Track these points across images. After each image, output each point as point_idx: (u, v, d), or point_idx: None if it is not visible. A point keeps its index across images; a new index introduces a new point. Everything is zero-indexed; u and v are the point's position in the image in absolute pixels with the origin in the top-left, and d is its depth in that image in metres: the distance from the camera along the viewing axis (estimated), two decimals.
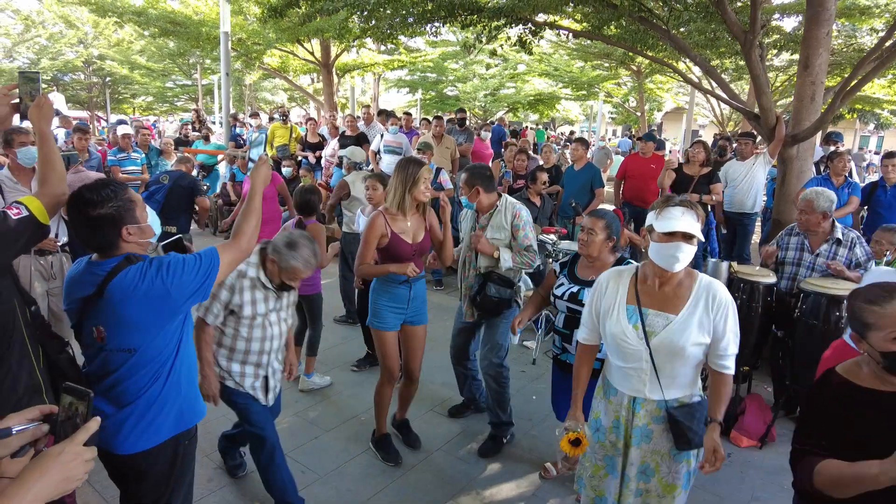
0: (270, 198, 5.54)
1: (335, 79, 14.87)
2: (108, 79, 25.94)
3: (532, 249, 3.21)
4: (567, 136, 17.78)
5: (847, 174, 5.40)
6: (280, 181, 5.90)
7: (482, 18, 6.47)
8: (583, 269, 2.81)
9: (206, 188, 8.99)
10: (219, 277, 1.83)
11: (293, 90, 24.63)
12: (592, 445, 2.23)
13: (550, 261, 4.99)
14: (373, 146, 7.74)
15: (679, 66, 10.91)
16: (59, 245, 3.57)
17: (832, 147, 6.98)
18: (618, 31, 7.72)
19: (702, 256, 5.72)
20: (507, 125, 15.32)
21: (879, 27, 10.56)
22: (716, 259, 4.10)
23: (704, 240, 1.89)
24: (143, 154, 7.43)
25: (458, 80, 23.25)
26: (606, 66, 18.83)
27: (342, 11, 7.83)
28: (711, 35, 8.45)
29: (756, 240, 7.05)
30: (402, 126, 8.19)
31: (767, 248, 3.91)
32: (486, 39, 7.21)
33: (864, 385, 1.58)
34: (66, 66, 25.08)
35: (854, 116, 23.88)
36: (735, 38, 5.41)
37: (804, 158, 5.28)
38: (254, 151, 2.43)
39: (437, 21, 6.91)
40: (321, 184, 7.69)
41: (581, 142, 6.60)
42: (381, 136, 7.72)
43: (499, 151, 8.69)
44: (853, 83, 4.98)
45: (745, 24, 5.20)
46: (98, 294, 1.70)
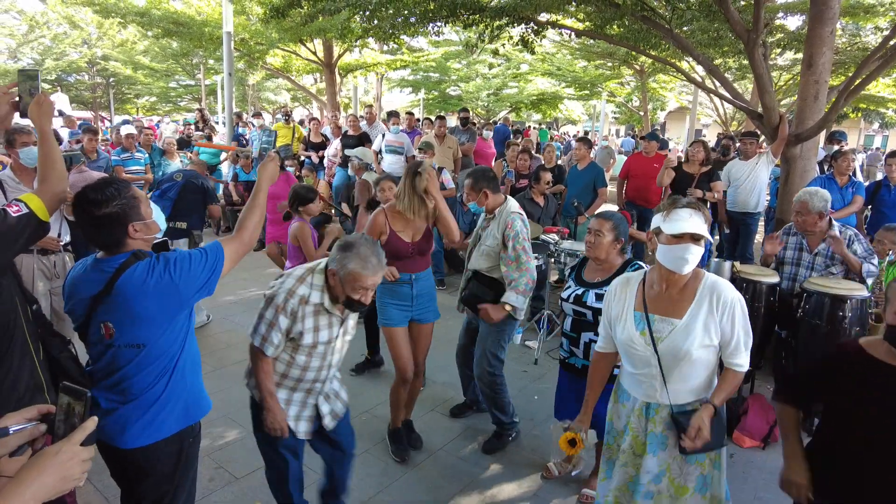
0: (285, 198, 5.61)
1: (338, 79, 14.89)
2: (112, 79, 26.04)
3: (522, 263, 3.06)
4: (580, 137, 17.76)
5: (851, 173, 5.38)
6: (294, 181, 5.93)
7: (484, 18, 6.47)
8: (589, 272, 2.80)
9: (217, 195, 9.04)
10: (224, 270, 1.86)
11: (296, 90, 24.67)
12: (607, 449, 2.22)
13: (552, 261, 4.98)
14: (374, 146, 7.74)
15: (682, 66, 10.88)
16: (62, 244, 3.58)
17: (836, 146, 6.95)
18: (620, 31, 7.70)
19: (706, 256, 5.70)
20: (511, 125, 15.30)
21: (884, 26, 10.51)
22: (719, 259, 4.08)
23: (712, 240, 1.90)
24: (147, 154, 7.46)
25: (461, 80, 23.24)
26: (609, 66, 18.80)
27: (344, 11, 7.84)
28: (714, 34, 8.41)
29: (759, 239, 7.03)
30: (406, 126, 8.19)
31: (771, 236, 3.88)
32: (489, 39, 7.20)
33: (879, 357, 1.66)
34: (70, 67, 25.20)
35: (858, 115, 23.78)
36: (738, 37, 5.40)
37: (808, 158, 5.26)
38: (267, 143, 2.46)
39: (440, 21, 6.91)
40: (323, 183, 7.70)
41: (584, 141, 6.58)
42: (383, 136, 7.73)
43: (502, 151, 8.68)
44: (857, 82, 4.96)
45: (749, 23, 5.18)
46: (107, 291, 1.71)
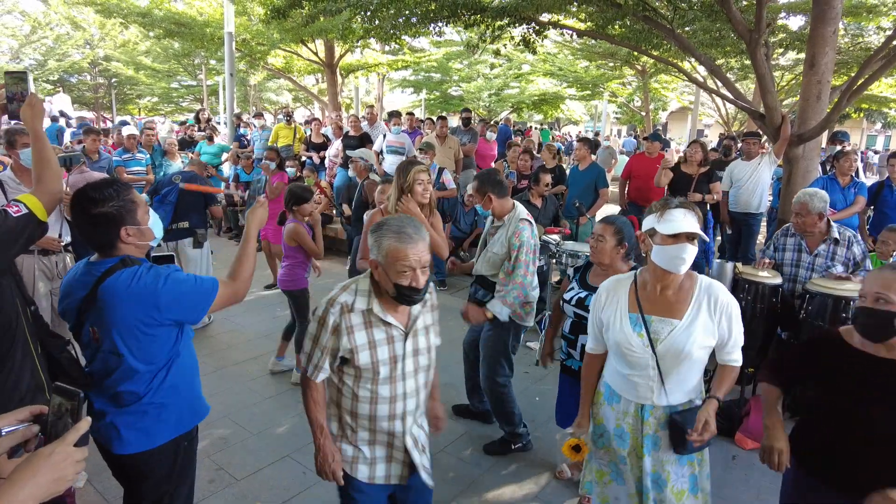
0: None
1: (339, 79, 14.89)
2: (114, 80, 26.11)
3: (518, 277, 3.01)
4: (581, 137, 17.50)
5: (853, 174, 5.36)
6: (285, 178, 5.97)
7: (486, 18, 6.46)
8: (594, 276, 2.78)
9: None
10: (211, 308, 1.84)
11: (297, 90, 24.71)
12: (596, 451, 2.21)
13: (553, 262, 4.96)
14: (376, 146, 7.74)
15: (684, 66, 10.86)
16: (63, 245, 3.58)
17: (838, 146, 6.92)
18: (622, 31, 7.69)
19: (703, 259, 5.68)
20: (513, 125, 15.29)
21: (886, 25, 10.49)
22: (721, 260, 4.07)
23: (708, 239, 1.88)
24: (148, 155, 7.46)
25: (463, 80, 23.25)
26: (611, 66, 18.79)
27: (345, 12, 7.84)
28: (716, 34, 8.40)
29: (761, 240, 7.01)
30: (407, 126, 8.19)
31: (763, 261, 3.88)
32: (490, 39, 7.19)
33: (852, 344, 1.81)
34: (73, 68, 25.27)
35: (861, 116, 23.73)
36: (740, 37, 5.38)
37: (810, 158, 5.24)
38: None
39: (441, 21, 6.91)
40: (320, 183, 7.70)
41: (585, 142, 6.57)
42: (384, 137, 7.72)
43: (504, 151, 8.67)
44: (860, 82, 4.94)
45: (751, 23, 5.16)
46: (92, 295, 1.72)
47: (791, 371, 2.03)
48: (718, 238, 6.73)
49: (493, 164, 8.11)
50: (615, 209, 7.87)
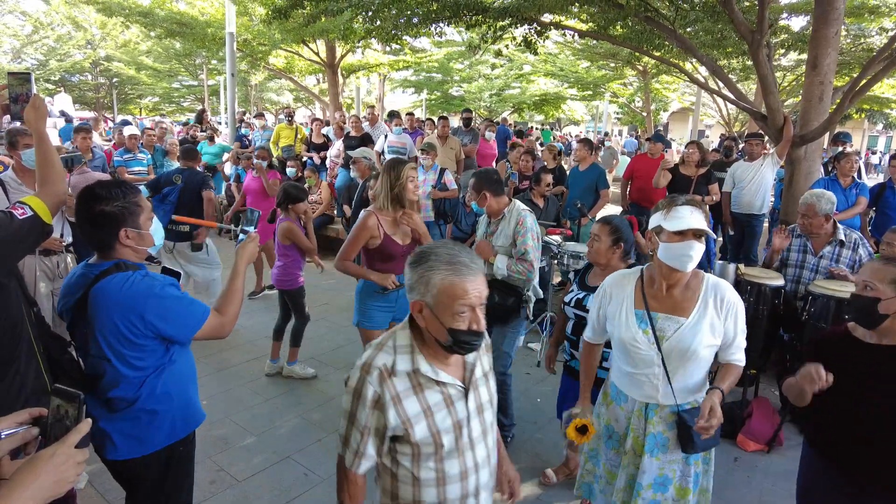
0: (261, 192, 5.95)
1: (340, 79, 14.90)
2: (115, 80, 26.17)
3: (528, 258, 3.07)
4: (601, 139, 16.92)
5: (855, 175, 5.35)
6: (281, 179, 5.99)
7: (487, 19, 6.45)
8: (593, 277, 2.79)
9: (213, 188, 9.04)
10: (197, 335, 1.79)
11: (298, 91, 24.73)
12: (606, 453, 2.19)
13: (555, 262, 4.96)
14: (377, 147, 7.74)
15: (685, 66, 10.85)
16: (64, 245, 3.58)
17: (840, 147, 6.91)
18: (624, 31, 7.68)
19: (706, 260, 5.68)
20: (512, 125, 15.28)
21: (889, 26, 10.48)
22: (723, 261, 4.06)
23: (715, 236, 1.88)
24: (149, 155, 7.47)
25: (464, 81, 23.27)
26: (612, 66, 18.79)
27: (347, 12, 7.84)
28: (718, 35, 8.38)
29: (764, 240, 7.00)
30: (407, 127, 8.19)
31: (781, 231, 3.83)
32: (492, 40, 7.18)
33: (856, 335, 1.94)
34: (74, 68, 25.33)
35: (862, 116, 23.72)
36: (742, 38, 5.37)
37: (812, 159, 5.23)
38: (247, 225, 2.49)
39: (442, 21, 6.90)
40: (321, 184, 7.70)
41: (585, 142, 6.56)
42: (385, 137, 7.72)
43: (503, 152, 8.66)
44: (862, 83, 4.93)
45: (753, 24, 5.15)
46: (84, 297, 1.72)
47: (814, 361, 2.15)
48: (720, 239, 6.72)
49: (495, 165, 8.11)
50: (617, 210, 7.86)
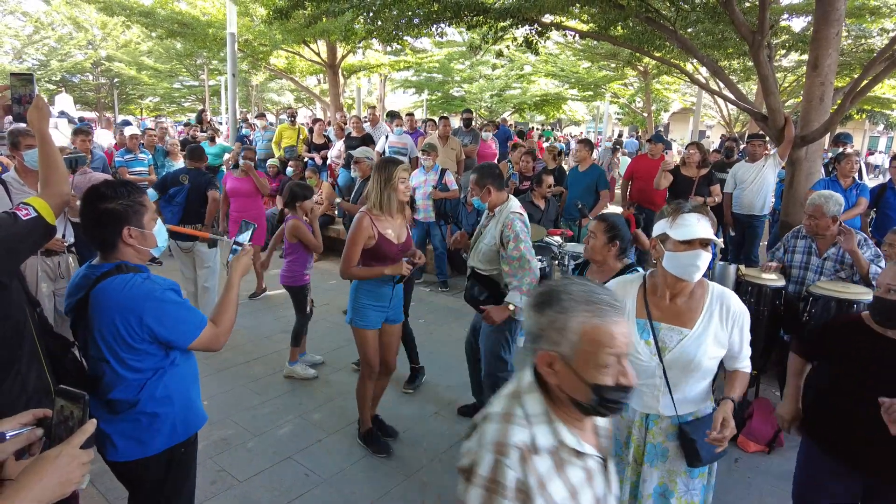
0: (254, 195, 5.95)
1: (341, 80, 14.90)
2: (116, 80, 26.17)
3: (525, 262, 3.04)
4: (615, 141, 16.57)
5: (855, 175, 5.35)
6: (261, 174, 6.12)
7: (488, 19, 6.44)
8: (590, 273, 2.81)
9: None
10: (191, 345, 1.80)
11: (300, 91, 24.73)
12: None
13: (556, 263, 4.96)
14: (378, 147, 7.75)
15: (686, 67, 10.84)
16: (66, 245, 3.59)
17: (840, 148, 6.91)
18: (625, 32, 7.67)
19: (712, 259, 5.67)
20: (513, 126, 15.28)
21: (890, 27, 10.47)
22: (723, 262, 4.06)
23: (722, 245, 1.86)
24: (150, 155, 7.48)
25: (465, 81, 23.26)
26: (613, 67, 18.77)
27: (348, 13, 7.84)
28: (719, 35, 8.37)
29: (765, 241, 7.00)
30: (407, 127, 8.19)
31: (770, 265, 3.86)
32: (493, 41, 7.18)
33: (870, 325, 2.00)
34: (75, 68, 25.33)
35: (863, 117, 23.70)
36: (743, 39, 5.37)
37: (813, 160, 5.22)
38: (242, 237, 2.42)
39: (443, 22, 6.89)
40: (322, 184, 7.71)
41: (585, 143, 6.56)
42: (386, 138, 7.72)
43: (504, 152, 8.67)
44: (863, 84, 4.92)
45: (754, 25, 5.15)
46: (85, 298, 1.73)
47: (816, 345, 2.21)
48: (721, 240, 6.72)
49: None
50: (617, 210, 7.86)
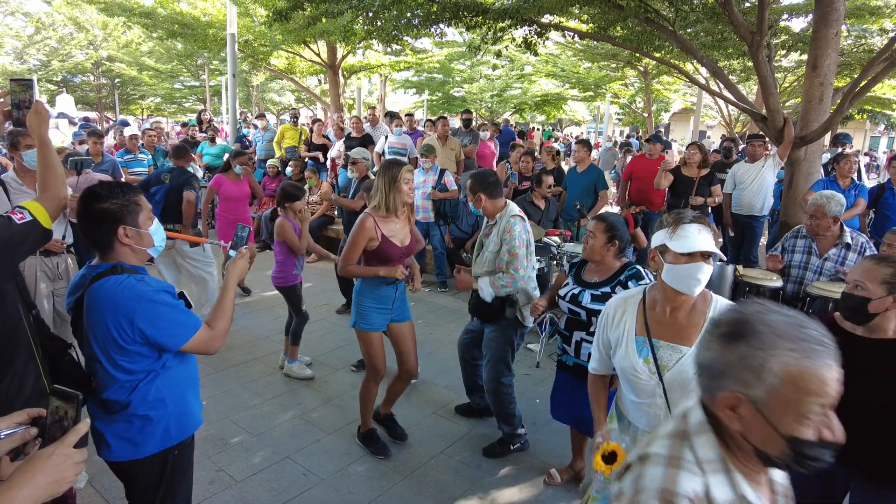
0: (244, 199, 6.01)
1: (341, 80, 14.91)
2: (117, 80, 26.22)
3: (511, 268, 3.01)
4: (623, 142, 16.18)
5: (854, 176, 5.35)
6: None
7: (487, 20, 6.45)
8: (588, 273, 2.80)
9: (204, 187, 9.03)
10: (185, 348, 1.79)
11: (300, 91, 24.75)
12: (598, 475, 2.07)
13: (555, 263, 4.96)
14: (377, 147, 7.75)
15: (686, 68, 10.84)
16: (66, 246, 3.59)
17: (839, 149, 6.91)
18: (624, 32, 7.68)
19: None
20: (514, 126, 15.29)
21: (889, 27, 10.46)
22: (721, 263, 4.07)
23: (725, 258, 1.80)
24: (150, 155, 7.49)
25: (465, 81, 23.29)
26: (613, 67, 18.78)
27: (347, 14, 7.85)
28: (719, 36, 8.38)
29: (764, 241, 7.00)
30: (406, 128, 8.20)
31: (773, 255, 3.85)
32: (492, 41, 7.19)
33: (842, 325, 1.98)
34: (76, 68, 25.41)
35: (864, 117, 23.69)
36: (742, 39, 5.37)
37: (812, 160, 5.23)
38: (238, 241, 2.45)
39: (443, 22, 6.90)
40: (322, 184, 7.71)
41: (584, 143, 6.56)
42: (386, 138, 7.73)
43: (505, 153, 8.67)
44: (862, 84, 4.93)
45: (753, 25, 5.15)
46: (81, 297, 1.75)
47: None
48: (720, 240, 6.72)
49: (495, 165, 8.12)
50: (617, 210, 7.86)
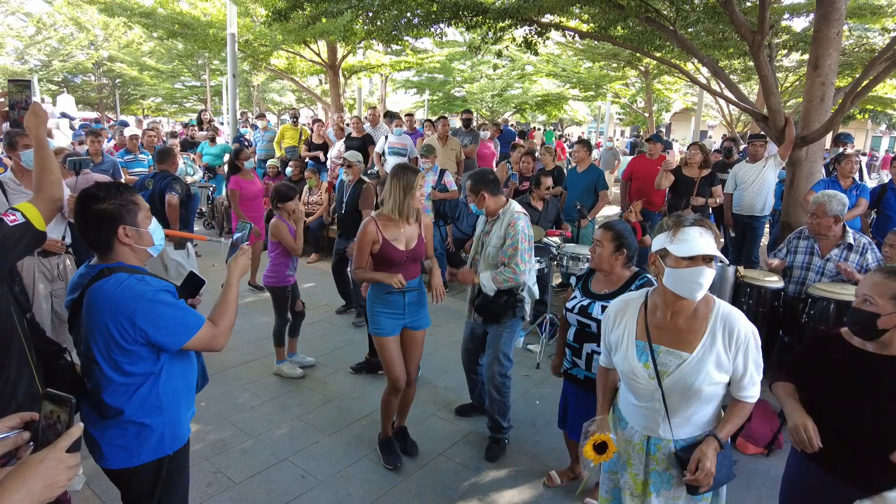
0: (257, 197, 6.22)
1: (342, 80, 14.90)
2: (118, 80, 26.25)
3: (511, 263, 3.06)
4: (633, 142, 15.78)
5: (855, 176, 5.33)
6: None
7: (487, 19, 6.44)
8: (597, 283, 2.71)
9: (213, 189, 9.03)
10: (188, 345, 1.77)
11: (301, 91, 24.76)
12: (602, 475, 2.10)
13: (555, 264, 4.95)
14: (378, 148, 7.74)
15: (687, 67, 10.81)
16: (65, 247, 3.59)
17: (840, 148, 6.89)
18: (625, 32, 7.66)
19: None
20: (515, 126, 15.28)
21: (891, 27, 10.43)
22: (722, 264, 4.04)
23: (727, 261, 1.79)
24: (150, 156, 7.48)
25: (466, 81, 23.26)
26: (614, 67, 18.74)
27: (347, 13, 7.84)
28: (720, 35, 8.36)
29: (765, 241, 6.97)
30: (406, 128, 8.18)
31: (773, 262, 3.84)
32: (493, 41, 7.18)
33: (850, 341, 1.93)
34: (77, 68, 25.45)
35: (866, 117, 23.65)
36: (743, 39, 5.35)
37: (813, 160, 5.20)
38: (239, 236, 2.44)
39: (442, 22, 6.89)
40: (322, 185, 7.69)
41: (584, 144, 6.54)
42: (386, 138, 7.72)
43: (506, 153, 8.66)
44: (864, 84, 4.90)
45: (754, 25, 5.13)
46: (80, 297, 1.73)
47: (802, 370, 2.10)
48: (721, 240, 6.71)
49: (495, 166, 8.11)
50: (616, 211, 7.85)
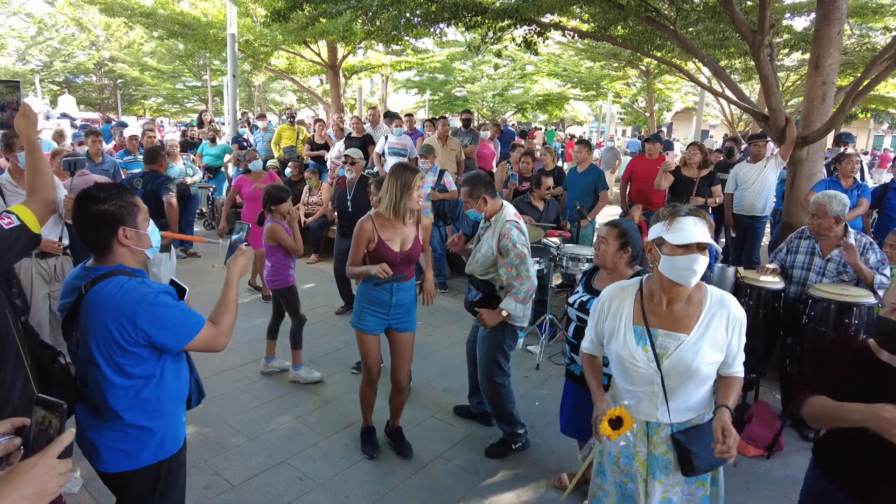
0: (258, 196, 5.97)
1: (342, 80, 14.89)
2: (119, 80, 26.31)
3: (524, 270, 3.03)
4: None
5: (856, 176, 5.31)
6: (276, 179, 6.10)
7: (487, 19, 6.42)
8: (599, 280, 2.73)
9: (213, 189, 9.03)
10: (189, 346, 1.77)
11: (302, 91, 24.77)
12: (611, 468, 2.11)
13: (554, 265, 4.93)
14: (378, 148, 7.73)
15: (687, 67, 10.79)
16: (62, 248, 3.58)
17: (842, 148, 6.86)
18: (625, 32, 7.64)
19: (712, 261, 5.65)
20: (515, 126, 15.27)
21: (893, 26, 10.40)
22: (722, 264, 4.02)
23: (720, 249, 1.83)
24: None
25: (467, 81, 23.27)
26: (615, 66, 18.71)
27: (346, 14, 7.83)
28: (720, 35, 8.33)
29: (765, 242, 6.95)
30: (406, 128, 8.17)
31: (767, 268, 3.82)
32: (493, 41, 7.16)
33: (878, 356, 1.74)
34: (78, 69, 25.51)
35: (867, 116, 23.58)
36: (744, 39, 5.33)
37: (814, 160, 5.18)
38: (237, 237, 2.40)
39: (442, 22, 6.88)
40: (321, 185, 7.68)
41: (584, 144, 6.53)
42: (386, 139, 7.71)
43: (506, 153, 8.65)
44: (865, 83, 4.88)
45: (754, 24, 5.11)
46: (78, 300, 1.72)
47: (835, 388, 1.86)
48: (722, 240, 6.68)
49: (495, 166, 8.09)
50: (616, 211, 7.83)
